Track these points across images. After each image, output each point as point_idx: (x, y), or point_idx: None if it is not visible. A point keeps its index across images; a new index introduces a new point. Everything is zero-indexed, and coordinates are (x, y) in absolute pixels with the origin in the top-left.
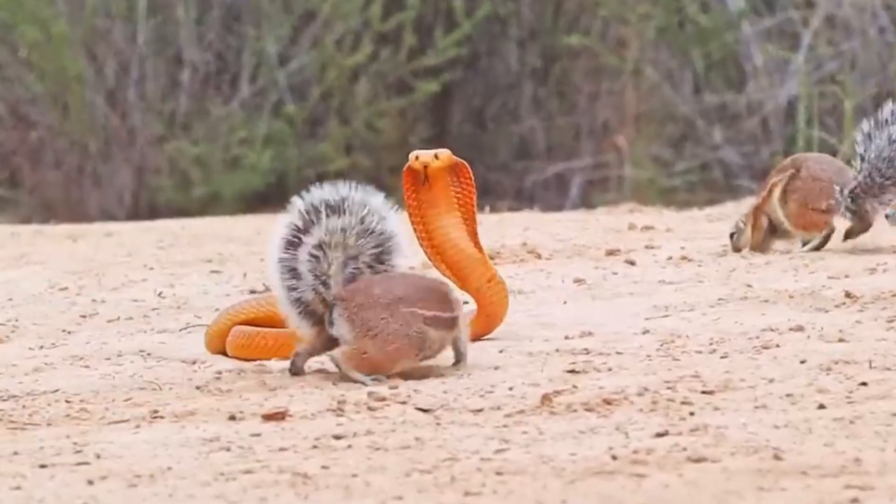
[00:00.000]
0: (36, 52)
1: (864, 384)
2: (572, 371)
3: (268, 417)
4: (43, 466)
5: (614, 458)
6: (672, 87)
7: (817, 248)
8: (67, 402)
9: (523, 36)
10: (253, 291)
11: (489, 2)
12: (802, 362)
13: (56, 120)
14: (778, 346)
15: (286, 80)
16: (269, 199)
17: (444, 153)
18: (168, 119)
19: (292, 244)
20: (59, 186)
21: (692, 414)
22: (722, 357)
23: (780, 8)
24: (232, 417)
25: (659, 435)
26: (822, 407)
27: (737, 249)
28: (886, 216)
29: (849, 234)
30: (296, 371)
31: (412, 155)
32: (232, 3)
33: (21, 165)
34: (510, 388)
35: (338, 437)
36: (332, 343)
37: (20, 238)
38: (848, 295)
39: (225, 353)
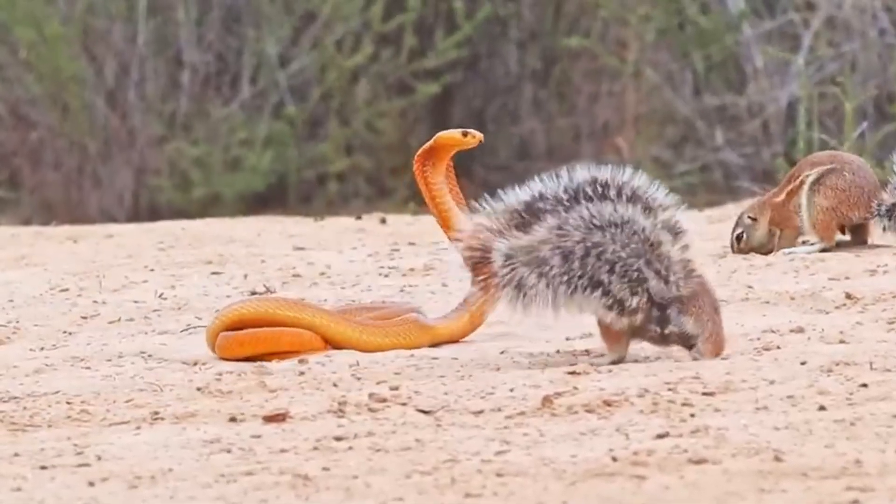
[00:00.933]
0: (35, 52)
1: (864, 386)
2: (573, 372)
3: (268, 419)
4: (44, 468)
5: (615, 459)
6: (672, 88)
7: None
8: (68, 403)
9: (523, 37)
10: (253, 293)
11: (489, 3)
12: (803, 364)
13: (56, 121)
14: (779, 347)
15: (286, 81)
16: (269, 200)
17: None
18: (168, 120)
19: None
20: (60, 187)
21: (693, 415)
22: (722, 358)
23: (780, 10)
24: (233, 419)
25: (659, 436)
26: (822, 408)
27: (749, 250)
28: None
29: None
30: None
31: (475, 133)
32: (232, 4)
33: (21, 166)
34: (511, 390)
35: (338, 439)
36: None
37: (20, 239)
38: (848, 296)
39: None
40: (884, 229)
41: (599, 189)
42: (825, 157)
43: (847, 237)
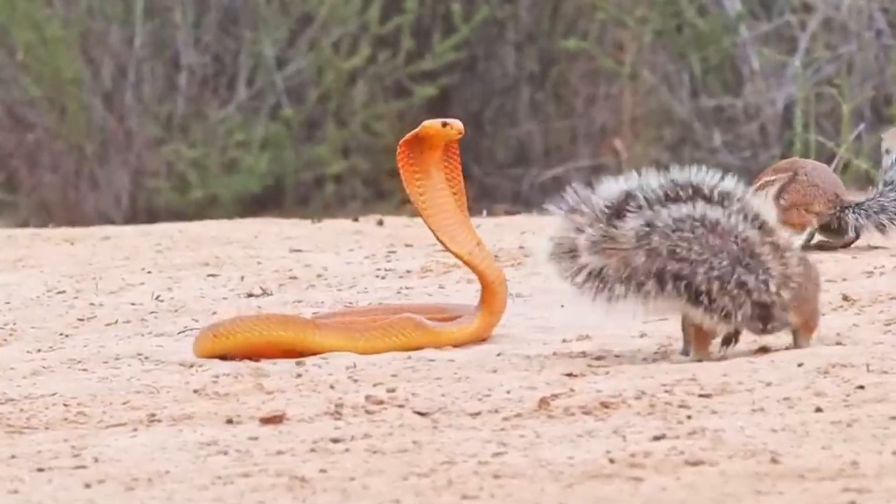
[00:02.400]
0: (32, 54)
1: (861, 387)
2: (570, 374)
3: (265, 421)
4: (40, 470)
5: (612, 461)
6: (669, 90)
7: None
8: (65, 405)
9: (521, 40)
10: (250, 295)
11: (487, 5)
12: (800, 365)
13: (53, 123)
14: (775, 349)
15: (283, 83)
16: (266, 202)
17: None
18: (165, 122)
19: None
20: (57, 189)
21: (689, 417)
22: (718, 360)
23: (777, 12)
24: (229, 421)
25: (656, 438)
26: (819, 410)
27: None
28: None
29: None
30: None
31: (456, 123)
32: (229, 6)
33: (18, 168)
34: (508, 392)
35: (335, 441)
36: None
37: (17, 241)
38: (845, 298)
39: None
40: (851, 227)
41: (680, 192)
42: (786, 164)
43: (826, 238)
